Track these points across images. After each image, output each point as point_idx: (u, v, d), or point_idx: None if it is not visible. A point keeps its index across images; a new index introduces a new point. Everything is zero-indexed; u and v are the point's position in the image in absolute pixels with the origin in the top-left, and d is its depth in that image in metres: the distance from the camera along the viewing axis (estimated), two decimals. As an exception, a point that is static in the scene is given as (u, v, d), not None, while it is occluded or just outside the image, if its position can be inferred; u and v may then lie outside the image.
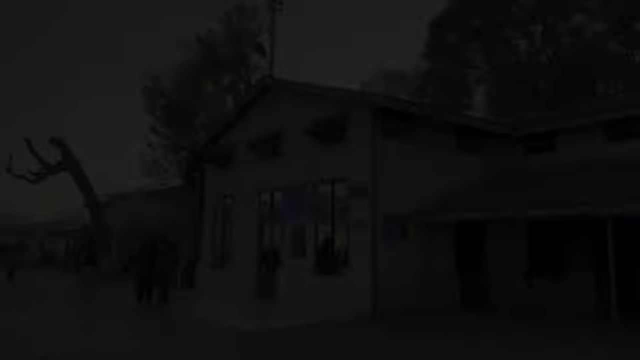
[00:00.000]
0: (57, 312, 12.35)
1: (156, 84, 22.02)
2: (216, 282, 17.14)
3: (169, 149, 21.78)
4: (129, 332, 9.58)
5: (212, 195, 18.26)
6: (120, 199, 34.68)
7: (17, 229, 52.95)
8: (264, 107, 16.08)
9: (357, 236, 12.24)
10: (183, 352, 7.78)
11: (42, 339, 8.68)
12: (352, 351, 8.00)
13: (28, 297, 16.03)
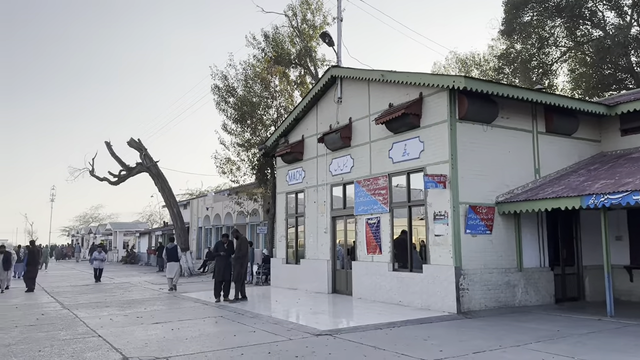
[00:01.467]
0: (137, 311, 12.53)
1: (225, 82, 22.13)
2: (291, 279, 16.91)
3: (240, 146, 21.82)
4: (205, 333, 9.40)
5: (284, 191, 18.04)
6: (197, 197, 35.61)
7: (103, 229, 56.14)
8: (332, 99, 15.56)
9: (437, 229, 11.44)
10: (258, 356, 7.43)
11: (116, 335, 8.72)
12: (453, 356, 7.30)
13: (114, 297, 16.52)
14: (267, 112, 21.74)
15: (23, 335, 9.26)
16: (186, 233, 27.97)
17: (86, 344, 8.36)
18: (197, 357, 7.30)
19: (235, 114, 21.61)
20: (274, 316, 11.00)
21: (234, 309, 12.17)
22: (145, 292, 17.27)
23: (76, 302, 14.57)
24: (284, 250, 17.82)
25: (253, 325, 9.85)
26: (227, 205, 27.57)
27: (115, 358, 7.35)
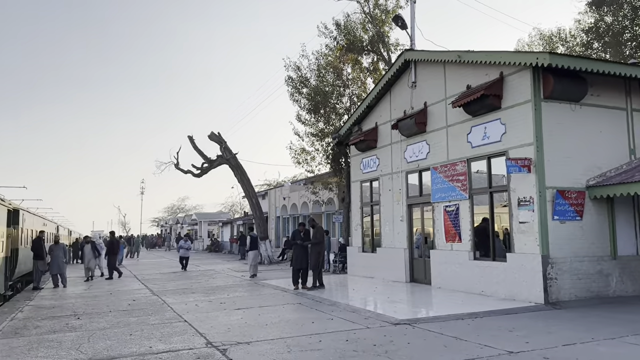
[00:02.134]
0: (220, 297, 12.98)
1: (298, 73, 22.32)
2: (367, 268, 16.83)
3: (314, 136, 21.98)
4: (285, 320, 9.56)
5: (358, 179, 17.95)
6: (274, 188, 36.39)
7: (189, 219, 58.94)
8: (407, 84, 15.20)
9: (521, 216, 10.87)
10: (336, 343, 7.43)
11: (200, 320, 9.08)
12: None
13: (199, 283, 17.24)
14: (340, 101, 21.69)
15: (116, 320, 9.89)
16: (265, 222, 28.68)
17: (173, 329, 8.78)
18: (277, 343, 7.43)
19: (308, 104, 21.75)
20: (352, 304, 10.98)
21: (312, 297, 12.31)
22: (228, 279, 17.91)
23: (164, 288, 15.38)
24: (360, 239, 17.77)
25: (331, 313, 9.89)
26: (303, 194, 27.95)
27: (199, 342, 7.65)
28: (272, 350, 6.98)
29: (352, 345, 7.18)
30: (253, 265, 18.32)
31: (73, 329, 8.97)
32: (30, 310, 11.54)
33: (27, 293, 15.98)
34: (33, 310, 11.53)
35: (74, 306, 12.03)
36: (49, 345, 7.72)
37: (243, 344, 7.41)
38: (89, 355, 6.97)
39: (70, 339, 8.08)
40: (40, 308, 11.94)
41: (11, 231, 14.91)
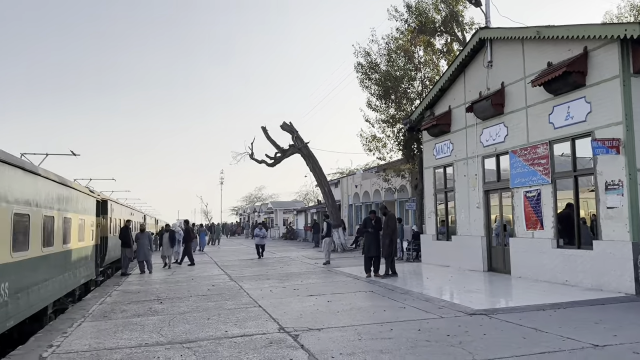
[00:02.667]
0: (294, 283, 13.17)
1: (367, 58, 22.00)
2: (442, 256, 16.42)
3: (385, 122, 21.63)
4: (356, 307, 9.53)
5: (431, 165, 17.49)
6: (346, 176, 36.41)
7: (265, 208, 60.43)
8: (482, 64, 14.53)
9: (609, 201, 10.09)
10: (407, 332, 7.28)
11: (274, 306, 9.25)
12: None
13: (274, 270, 17.61)
14: (411, 85, 21.18)
15: (196, 304, 10.32)
16: (337, 210, 28.79)
17: (248, 314, 9.01)
18: (348, 330, 7.41)
19: (378, 89, 21.42)
20: (425, 293, 10.75)
21: (385, 285, 12.18)
22: (302, 266, 18.17)
23: (242, 274, 15.86)
24: (434, 227, 17.35)
25: (403, 302, 9.73)
26: (375, 182, 27.72)
27: (272, 327, 7.79)
28: (342, 338, 6.96)
29: (425, 335, 7.01)
30: (327, 252, 18.52)
31: (155, 313, 9.45)
32: (117, 295, 12.31)
33: (116, 279, 17.08)
34: (120, 295, 12.29)
35: (157, 291, 12.69)
36: (133, 328, 8.18)
37: (314, 330, 7.46)
38: (168, 338, 7.30)
39: (152, 323, 8.52)
40: (126, 293, 12.71)
41: (100, 220, 15.97)
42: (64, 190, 10.64)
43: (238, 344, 6.81)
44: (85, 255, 13.15)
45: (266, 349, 6.50)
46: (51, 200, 9.52)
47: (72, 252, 11.53)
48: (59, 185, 10.22)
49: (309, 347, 6.51)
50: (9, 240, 7.13)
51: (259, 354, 6.27)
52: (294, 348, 6.52)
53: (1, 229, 6.84)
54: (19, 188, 7.63)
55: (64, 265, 10.71)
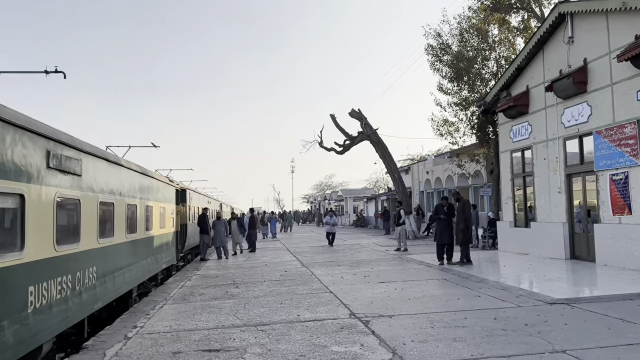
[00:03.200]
0: (364, 270, 13.17)
1: (438, 40, 21.33)
2: (520, 243, 15.75)
3: (457, 105, 20.93)
4: (428, 295, 9.38)
5: (508, 149, 16.76)
6: (417, 162, 35.78)
7: (335, 196, 60.76)
8: (562, 40, 13.67)
9: None
10: (482, 321, 7.07)
11: (345, 292, 9.29)
12: None
13: (345, 257, 17.70)
14: (485, 66, 20.33)
15: (269, 289, 10.58)
16: (408, 197, 28.37)
17: (319, 299, 9.12)
18: (419, 318, 7.30)
19: (450, 72, 20.74)
20: (502, 282, 10.37)
21: (458, 273, 11.88)
22: (373, 253, 18.12)
23: (313, 261, 16.07)
24: (512, 213, 16.66)
25: (478, 290, 9.45)
26: (448, 168, 26.99)
27: (343, 313, 7.83)
28: (414, 325, 6.88)
29: (501, 324, 6.77)
30: (402, 239, 18.36)
31: (232, 297, 9.80)
32: (196, 279, 12.88)
33: (195, 264, 17.87)
34: (199, 279, 12.85)
35: (233, 276, 13.14)
36: (211, 310, 8.52)
37: (385, 317, 7.42)
38: (244, 321, 7.55)
39: (229, 306, 8.84)
40: (205, 277, 13.26)
41: (180, 208, 16.74)
42: (145, 180, 11.23)
43: (310, 328, 6.91)
44: (166, 242, 13.84)
45: (337, 334, 6.55)
46: (134, 189, 10.08)
47: (154, 238, 12.17)
48: (141, 175, 10.80)
49: (380, 333, 6.49)
50: (96, 227, 7.63)
51: (330, 338, 6.32)
52: (364, 334, 6.52)
53: (89, 217, 7.33)
54: (104, 178, 8.13)
55: (147, 251, 11.34)
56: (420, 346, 5.86)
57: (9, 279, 5.00)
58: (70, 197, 6.67)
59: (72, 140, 6.74)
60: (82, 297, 6.96)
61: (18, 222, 5.31)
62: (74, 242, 6.80)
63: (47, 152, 5.97)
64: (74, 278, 6.68)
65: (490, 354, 5.54)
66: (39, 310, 5.62)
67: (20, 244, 5.29)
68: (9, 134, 5.11)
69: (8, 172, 5.05)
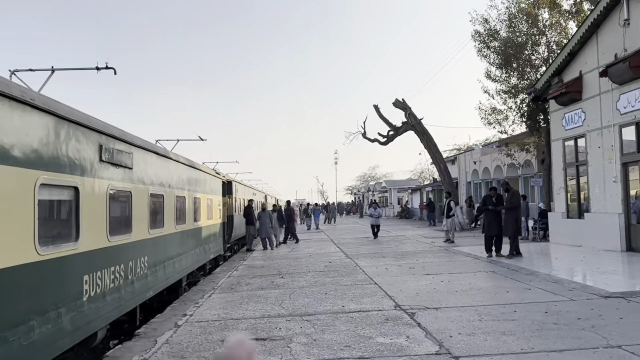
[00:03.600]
0: (409, 262, 13.04)
1: (486, 26, 20.68)
2: (572, 235, 15.17)
3: (506, 93, 20.27)
4: (476, 287, 9.19)
5: (560, 137, 16.14)
6: (464, 152, 35.05)
7: (379, 187, 60.41)
8: (617, 23, 12.99)
9: None
10: (533, 315, 6.87)
11: (389, 284, 9.22)
12: None
13: (389, 248, 17.60)
14: (536, 51, 19.58)
15: (314, 279, 10.64)
16: (454, 188, 27.85)
17: (364, 290, 9.10)
18: (467, 310, 7.17)
19: (498, 58, 20.09)
20: (553, 274, 10.03)
21: (507, 265, 11.59)
22: (418, 245, 17.91)
23: (357, 252, 16.04)
24: (564, 204, 16.06)
25: (528, 283, 9.19)
26: (496, 157, 26.28)
27: (388, 305, 7.79)
28: (461, 318, 6.76)
29: (552, 318, 6.57)
30: (451, 231, 18.08)
31: (277, 287, 9.92)
32: (243, 269, 13.11)
33: (241, 254, 18.19)
34: (246, 269, 13.07)
35: (278, 266, 13.29)
36: (257, 300, 8.66)
37: (431, 309, 7.33)
38: (289, 311, 7.63)
39: (274, 295, 8.95)
40: (251, 267, 13.48)
41: (226, 200, 17.06)
42: (192, 172, 11.49)
43: (354, 319, 6.91)
44: (213, 232, 14.15)
45: (382, 325, 6.52)
46: (182, 181, 10.34)
47: (202, 229, 12.46)
48: (189, 168, 11.06)
49: (426, 326, 6.41)
50: (147, 218, 7.88)
51: (375, 330, 6.30)
52: (410, 326, 6.46)
53: (140, 209, 7.57)
54: (154, 171, 8.38)
55: (195, 242, 11.63)
56: (467, 339, 5.76)
57: (65, 269, 5.23)
58: (122, 190, 6.90)
59: (123, 135, 6.96)
60: (134, 286, 7.21)
61: (73, 213, 5.54)
62: (126, 233, 7.04)
63: (100, 146, 6.19)
64: (126, 267, 6.92)
65: (541, 348, 5.39)
66: (94, 298, 5.86)
67: (75, 235, 5.52)
68: (63, 129, 5.33)
69: (63, 166, 5.27)
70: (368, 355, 5.32)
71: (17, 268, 4.31)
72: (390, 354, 5.33)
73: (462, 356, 5.19)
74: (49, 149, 5.04)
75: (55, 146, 5.16)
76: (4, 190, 4.16)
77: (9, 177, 4.25)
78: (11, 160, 4.30)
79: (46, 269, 4.88)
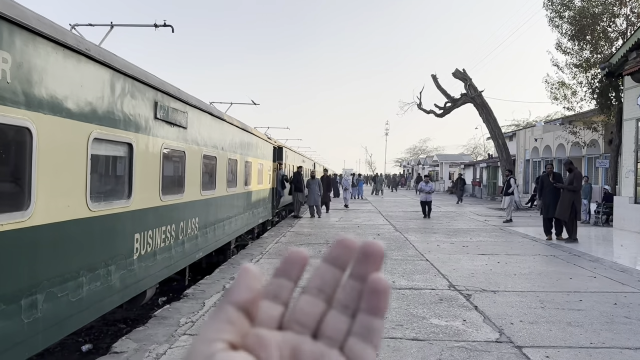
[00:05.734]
0: (462, 240, 12.58)
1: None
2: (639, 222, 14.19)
3: (577, 67, 18.95)
4: (536, 272, 8.69)
5: (633, 117, 14.96)
6: (524, 128, 33.52)
7: (430, 161, 59.14)
8: None
9: None
10: (601, 305, 6.36)
11: (442, 261, 8.84)
12: None
13: (440, 224, 17.14)
14: (613, 23, 18.12)
15: (363, 251, 10.37)
16: (512, 165, 26.72)
17: (415, 266, 8.77)
18: (527, 296, 6.74)
19: (571, 29, 18.73)
20: (620, 262, 9.37)
21: (569, 250, 10.93)
22: (471, 222, 17.31)
23: (406, 226, 15.65)
24: (632, 188, 14.99)
25: (593, 270, 8.59)
26: (559, 135, 24.89)
27: (442, 284, 7.44)
28: (521, 304, 6.34)
29: (623, 311, 6.05)
30: (509, 210, 17.31)
31: (325, 256, 9.71)
32: (290, 236, 13.01)
33: (289, 220, 18.16)
34: (293, 236, 12.97)
35: (326, 235, 13.11)
36: (305, 268, 8.48)
37: (488, 292, 6.93)
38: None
39: (322, 265, 8.74)
40: (299, 234, 13.36)
41: (276, 165, 16.95)
42: (245, 136, 11.34)
43: (406, 297, 6.62)
44: (263, 197, 14.09)
45: (436, 305, 6.20)
46: (234, 145, 10.20)
47: (252, 193, 12.39)
48: (242, 131, 10.90)
49: (484, 310, 6.04)
50: (199, 180, 7.77)
51: (428, 310, 6.00)
52: (467, 308, 6.11)
53: (193, 170, 7.46)
54: (207, 132, 8.23)
55: (245, 205, 11.57)
56: (530, 327, 5.37)
57: (116, 226, 5.16)
58: (175, 149, 6.78)
59: (179, 93, 6.80)
60: (184, 247, 7.16)
61: (126, 171, 5.44)
62: (179, 193, 6.96)
63: (155, 103, 6.04)
64: (177, 228, 6.86)
65: (612, 344, 4.95)
66: (144, 257, 5.81)
67: (127, 192, 5.43)
68: (118, 83, 5.17)
69: (117, 121, 5.14)
70: (422, 337, 5.03)
71: (66, 223, 4.22)
72: (446, 338, 5.02)
73: (526, 346, 4.82)
74: (104, 102, 4.90)
75: (110, 100, 5.02)
76: (56, 143, 4.04)
77: (61, 130, 4.12)
78: (64, 112, 4.16)
79: (96, 225, 4.80)
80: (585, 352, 4.70)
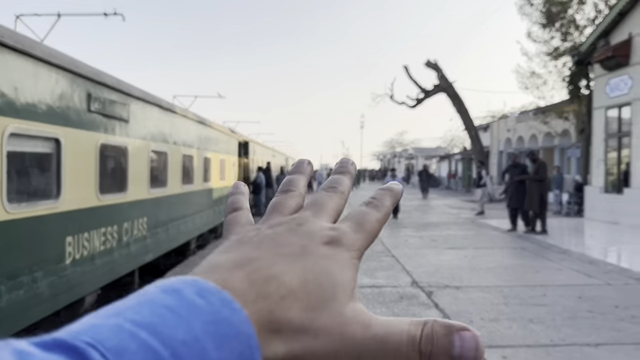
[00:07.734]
0: (431, 234, 12.37)
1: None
2: (610, 211, 14.16)
3: (547, 55, 18.89)
4: (503, 265, 8.48)
5: (602, 105, 14.92)
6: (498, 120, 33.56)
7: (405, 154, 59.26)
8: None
9: None
10: (565, 299, 6.15)
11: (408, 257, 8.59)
12: None
13: (411, 218, 16.94)
14: (582, 10, 18.08)
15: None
16: (485, 157, 26.71)
17: (379, 263, 8.47)
18: (491, 291, 6.48)
19: (541, 16, 18.64)
20: (588, 254, 9.22)
21: (539, 242, 10.77)
22: (442, 215, 17.15)
23: (378, 220, 15.36)
24: (602, 177, 14.98)
25: (560, 262, 8.41)
26: (532, 126, 24.93)
27: (405, 281, 7.15)
28: (484, 299, 6.08)
29: (586, 304, 5.84)
30: (480, 201, 17.19)
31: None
32: (257, 233, 12.60)
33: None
34: (259, 233, 12.56)
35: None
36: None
37: (452, 288, 6.66)
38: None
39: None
40: (266, 231, 12.96)
41: (242, 161, 16.50)
42: (203, 129, 10.88)
43: (365, 296, 6.30)
44: (226, 194, 13.65)
45: (396, 304, 5.90)
46: (190, 139, 9.74)
47: (213, 190, 11.95)
48: (198, 125, 10.44)
49: (444, 307, 5.77)
50: (146, 177, 7.33)
51: (387, 309, 5.70)
52: (427, 306, 5.83)
53: (138, 166, 7.01)
54: (155, 126, 7.78)
55: (206, 203, 11.13)
56: (490, 326, 5.10)
57: (41, 229, 4.72)
58: (115, 145, 6.33)
59: (117, 84, 6.34)
60: (130, 249, 6.73)
61: (53, 168, 4.99)
62: (121, 192, 6.51)
63: (88, 94, 5.58)
64: (120, 229, 6.42)
65: (573, 340, 4.72)
66: (79, 261, 5.37)
67: (56, 192, 4.98)
68: (42, 74, 4.72)
69: (39, 114, 4.69)
70: (374, 341, 4.71)
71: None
72: (399, 340, 4.71)
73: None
74: (23, 94, 4.45)
75: (31, 92, 4.57)
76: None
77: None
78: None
79: (16, 229, 4.36)
80: (544, 351, 4.45)
